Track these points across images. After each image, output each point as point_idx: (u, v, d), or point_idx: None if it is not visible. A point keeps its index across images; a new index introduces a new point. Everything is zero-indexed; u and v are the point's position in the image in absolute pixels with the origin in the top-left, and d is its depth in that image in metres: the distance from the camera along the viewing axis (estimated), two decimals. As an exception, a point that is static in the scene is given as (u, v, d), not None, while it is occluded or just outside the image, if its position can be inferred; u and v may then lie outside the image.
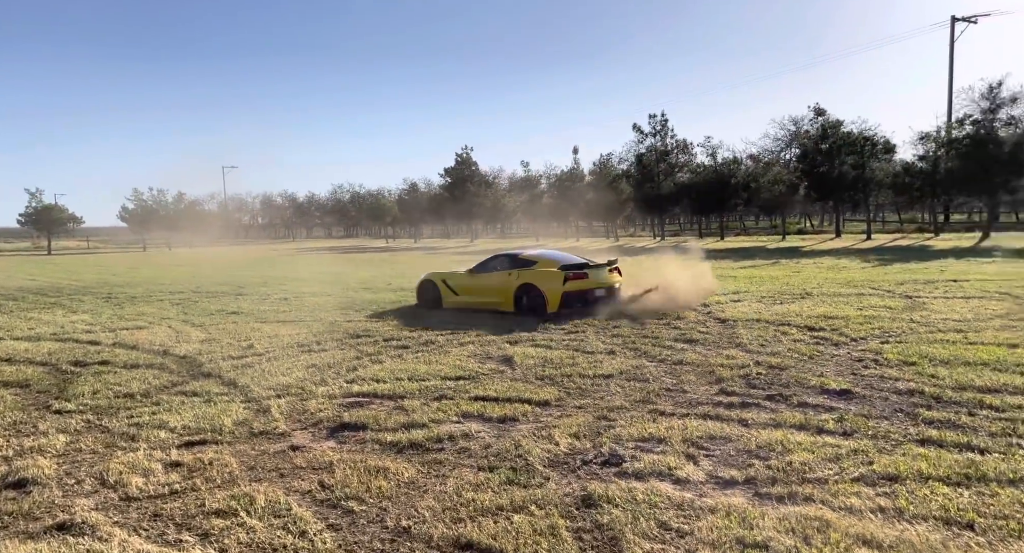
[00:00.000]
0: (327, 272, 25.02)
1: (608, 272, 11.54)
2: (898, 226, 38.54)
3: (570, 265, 11.46)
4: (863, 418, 4.64)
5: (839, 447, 4.07)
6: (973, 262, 18.45)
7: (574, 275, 11.11)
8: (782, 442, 4.20)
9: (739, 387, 5.81)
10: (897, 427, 4.44)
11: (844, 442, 4.16)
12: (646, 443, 4.41)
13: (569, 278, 11.05)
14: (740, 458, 4.03)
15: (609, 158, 49.40)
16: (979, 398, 5.00)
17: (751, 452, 4.10)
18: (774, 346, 7.62)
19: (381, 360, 7.90)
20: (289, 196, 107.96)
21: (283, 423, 5.42)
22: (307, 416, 5.62)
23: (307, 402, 6.07)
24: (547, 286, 11.10)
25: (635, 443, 4.41)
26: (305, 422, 5.47)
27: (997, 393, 5.15)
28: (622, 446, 4.38)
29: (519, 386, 6.29)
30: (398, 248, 55.22)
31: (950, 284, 12.89)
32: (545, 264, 11.64)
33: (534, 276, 11.37)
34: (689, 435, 4.48)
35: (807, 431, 4.44)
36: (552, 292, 11.05)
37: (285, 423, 5.43)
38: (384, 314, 12.04)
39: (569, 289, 11.04)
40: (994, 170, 25.75)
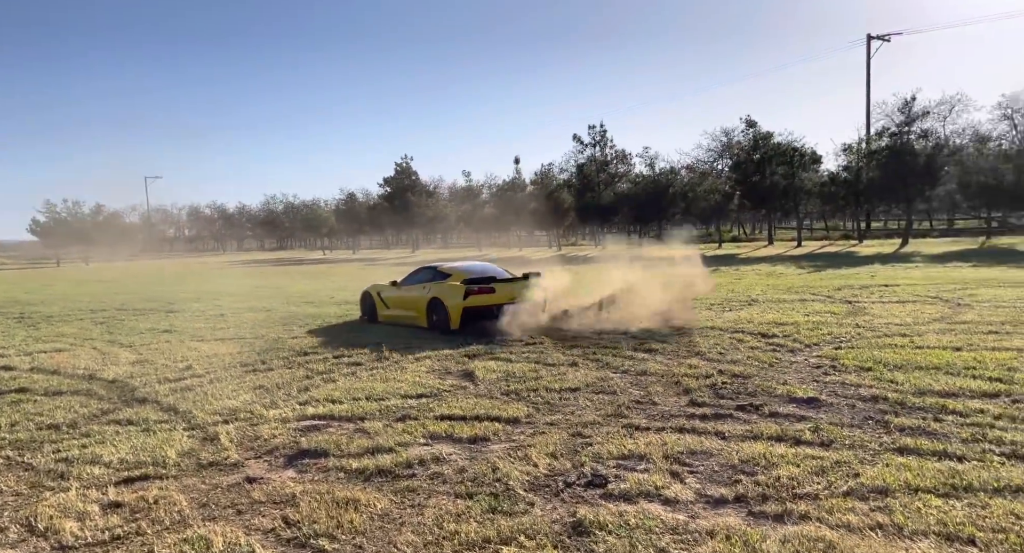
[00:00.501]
0: (264, 286, 24.02)
1: (524, 286, 10.78)
2: (824, 233, 40.56)
3: (475, 279, 10.84)
4: (836, 427, 4.66)
5: (821, 459, 4.05)
6: (898, 268, 19.48)
7: (478, 289, 10.49)
8: (764, 455, 4.15)
9: (708, 397, 5.78)
10: (871, 436, 4.47)
11: (825, 453, 4.15)
12: (627, 461, 4.27)
13: (471, 292, 10.44)
14: (725, 474, 3.95)
15: (550, 168, 49.88)
16: (941, 403, 5.13)
17: (735, 467, 4.03)
18: (733, 354, 7.69)
19: (334, 379, 7.50)
20: (218, 207, 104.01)
21: (234, 452, 5.00)
22: (260, 443, 5.21)
23: (259, 427, 5.65)
24: (450, 301, 10.55)
25: (616, 461, 4.27)
26: (259, 450, 5.06)
27: (956, 397, 5.30)
28: (603, 465, 4.22)
29: (485, 403, 6.06)
30: (336, 260, 53.89)
31: (883, 289, 13.50)
32: (457, 277, 11.13)
33: (440, 290, 10.86)
34: (669, 451, 4.37)
35: (785, 442, 4.41)
36: (454, 308, 10.46)
37: (236, 452, 5.01)
38: (330, 329, 11.56)
39: (470, 304, 10.39)
40: (910, 180, 27.40)
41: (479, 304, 10.39)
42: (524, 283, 10.82)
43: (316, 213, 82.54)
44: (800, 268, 21.61)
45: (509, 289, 10.64)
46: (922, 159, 27.09)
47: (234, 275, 33.43)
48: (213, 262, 57.23)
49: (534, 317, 10.47)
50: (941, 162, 27.37)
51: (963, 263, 19.86)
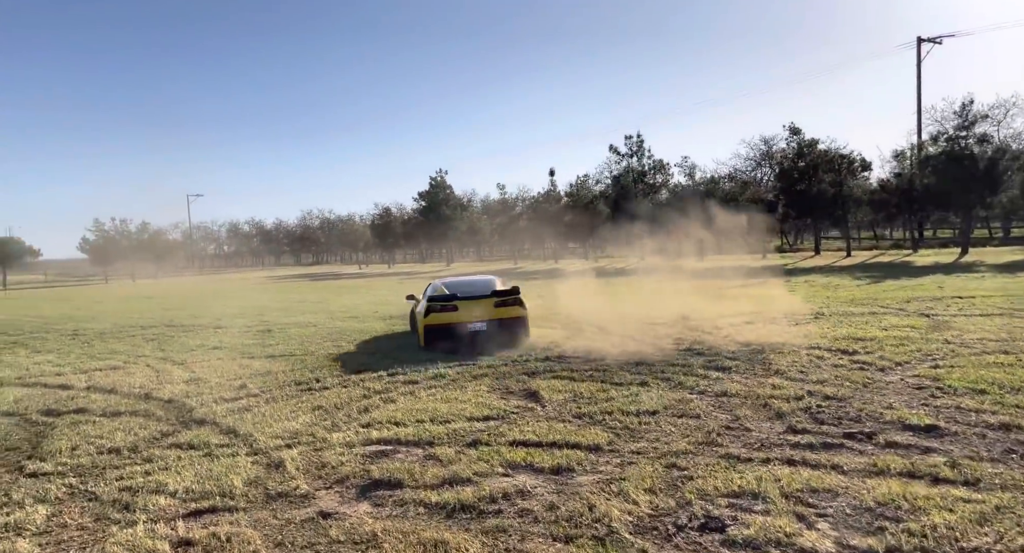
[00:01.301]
0: (306, 300, 24.07)
1: (495, 305, 10.35)
2: (873, 243, 39.16)
3: (440, 297, 10.57)
4: (976, 462, 4.14)
5: (977, 503, 3.54)
6: (965, 278, 18.49)
7: (440, 307, 10.26)
8: (904, 496, 3.66)
9: (807, 423, 5.29)
10: (1022, 473, 3.94)
11: (976, 495, 3.64)
12: (739, 499, 3.83)
13: (433, 310, 10.27)
14: (863, 519, 3.48)
15: (585, 180, 49.41)
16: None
17: (872, 511, 3.55)
18: (816, 372, 7.16)
19: (393, 399, 7.20)
20: (256, 223, 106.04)
21: (303, 481, 4.70)
22: (328, 471, 4.91)
23: (323, 453, 5.36)
24: (418, 318, 10.47)
25: (726, 499, 3.83)
26: (328, 479, 4.76)
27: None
28: (713, 504, 3.79)
29: (559, 427, 5.67)
30: (372, 274, 54.19)
31: (958, 301, 12.71)
32: (439, 292, 10.88)
33: (417, 306, 10.82)
34: (785, 487, 3.91)
35: (922, 480, 3.91)
36: (420, 324, 10.39)
37: (305, 480, 4.71)
38: (378, 344, 11.32)
39: (431, 323, 10.21)
40: (970, 186, 26.21)
41: (441, 322, 10.22)
42: (490, 301, 10.43)
43: (352, 228, 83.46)
44: (856, 279, 20.71)
45: (472, 308, 10.30)
46: (983, 164, 25.89)
47: (275, 290, 33.74)
48: (253, 277, 58.14)
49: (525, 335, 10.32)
50: (1004, 167, 26.13)
51: (1035, 272, 18.78)
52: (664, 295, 18.12)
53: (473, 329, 10.15)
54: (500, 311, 10.35)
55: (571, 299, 19.26)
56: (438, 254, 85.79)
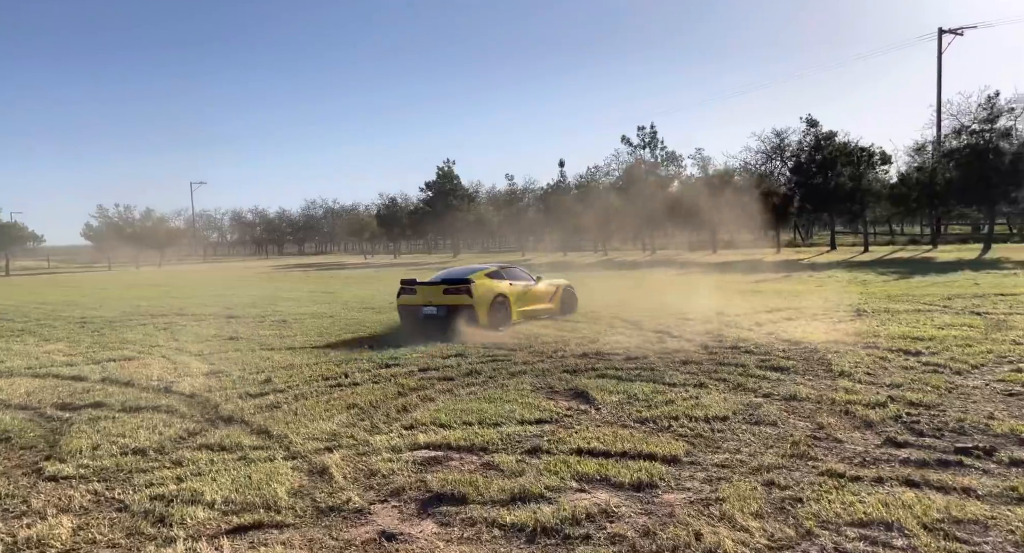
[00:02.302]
0: (317, 290, 23.62)
1: (443, 292, 11.19)
2: (889, 238, 38.58)
3: (406, 280, 11.86)
4: None
5: None
6: (994, 275, 17.98)
7: (402, 290, 11.68)
8: None
9: (904, 434, 4.81)
10: None
11: None
12: (869, 530, 3.34)
13: (403, 291, 11.66)
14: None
15: (596, 171, 48.84)
16: None
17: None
18: (887, 375, 6.67)
19: (431, 397, 6.73)
20: (260, 212, 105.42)
21: (354, 493, 4.23)
22: (379, 480, 4.44)
23: (369, 458, 4.89)
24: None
25: (855, 530, 3.34)
26: (381, 490, 4.29)
27: None
28: (840, 535, 3.31)
29: (623, 434, 5.19)
30: (378, 264, 53.74)
31: (1004, 299, 12.20)
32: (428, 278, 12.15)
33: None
34: (921, 516, 3.42)
35: None
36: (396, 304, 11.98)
37: (356, 492, 4.24)
38: (401, 336, 10.84)
39: (399, 303, 11.73)
40: (994, 181, 25.63)
41: (404, 303, 11.60)
42: (440, 288, 11.29)
43: (357, 217, 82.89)
44: (881, 275, 20.20)
45: (427, 293, 11.38)
46: (1008, 158, 25.31)
47: (282, 279, 33.30)
48: (257, 266, 57.76)
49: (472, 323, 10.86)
50: (1031, 161, 25.52)
51: (1068, 270, 18.28)
52: (689, 289, 17.64)
53: (426, 312, 11.24)
54: (447, 298, 11.14)
55: (593, 293, 18.77)
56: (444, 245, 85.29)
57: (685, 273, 24.94)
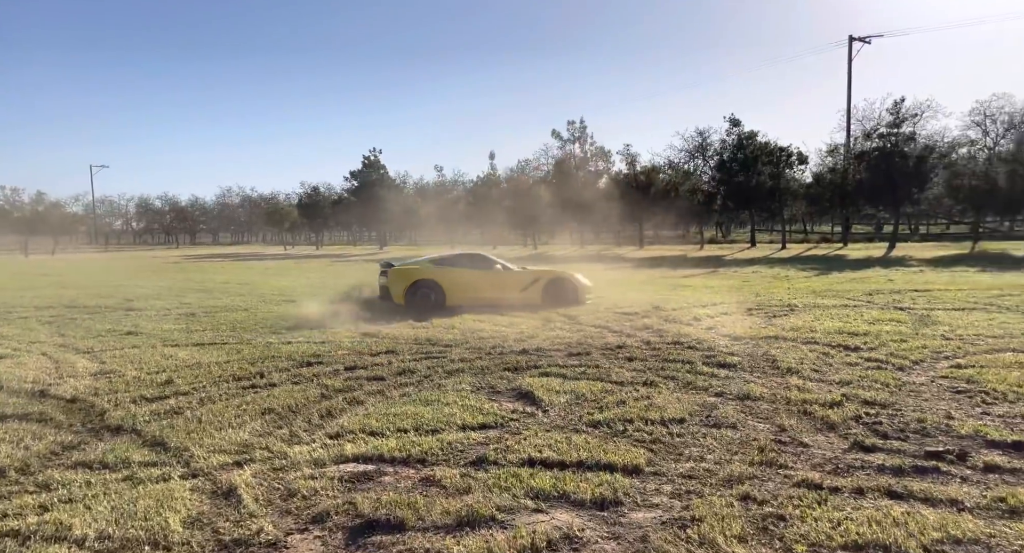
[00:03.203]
0: (232, 281, 22.06)
1: (380, 273, 13.11)
2: (803, 236, 40.42)
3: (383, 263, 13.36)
4: None
5: None
6: (903, 272, 18.89)
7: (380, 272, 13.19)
8: None
9: (870, 437, 4.57)
10: None
11: None
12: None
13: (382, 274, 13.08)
14: None
15: (526, 165, 48.63)
16: None
17: None
18: (833, 372, 6.54)
19: (360, 399, 6.04)
20: (169, 199, 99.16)
21: (267, 520, 3.53)
22: (299, 503, 3.75)
23: (287, 475, 4.19)
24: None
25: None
26: (301, 515, 3.61)
27: None
28: (834, 555, 2.94)
29: (577, 440, 4.71)
30: (299, 255, 51.52)
31: (920, 294, 12.66)
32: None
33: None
34: (916, 534, 3.11)
35: None
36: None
37: (269, 519, 3.54)
38: (324, 331, 10.00)
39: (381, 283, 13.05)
40: (899, 182, 27.14)
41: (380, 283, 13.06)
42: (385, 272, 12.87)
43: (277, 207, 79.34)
44: (802, 271, 20.88)
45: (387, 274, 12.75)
46: (912, 161, 26.87)
47: (194, 270, 31.12)
48: (166, 256, 54.16)
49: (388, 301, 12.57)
50: (931, 164, 27.22)
51: (968, 268, 19.44)
52: (622, 284, 17.53)
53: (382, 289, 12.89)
54: (382, 279, 12.85)
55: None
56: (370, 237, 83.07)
57: (616, 268, 24.99)
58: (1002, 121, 39.43)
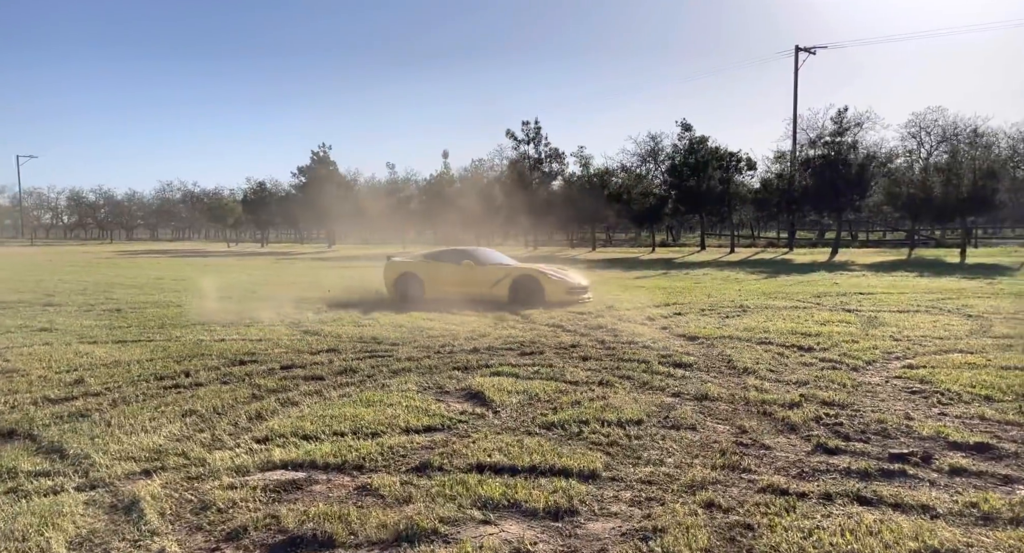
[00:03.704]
0: (167, 277, 20.91)
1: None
2: (751, 241, 41.36)
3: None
4: None
5: None
6: (847, 275, 19.35)
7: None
8: None
9: (830, 438, 4.39)
10: None
11: None
12: (837, 558, 2.74)
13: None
14: None
15: (481, 163, 48.19)
16: None
17: None
18: (788, 372, 6.41)
19: (295, 400, 5.56)
20: (104, 193, 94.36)
21: (171, 538, 3.06)
22: (213, 517, 3.29)
23: (203, 485, 3.71)
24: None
25: (822, 560, 2.73)
26: (213, 532, 3.15)
27: None
28: (809, 567, 2.68)
29: (529, 443, 4.38)
30: (243, 253, 49.73)
31: (865, 297, 12.88)
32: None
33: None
34: (893, 545, 2.88)
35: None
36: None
37: (175, 537, 3.07)
38: (262, 329, 9.41)
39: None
40: (842, 189, 28.00)
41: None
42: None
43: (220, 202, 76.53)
44: (752, 273, 21.16)
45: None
46: (854, 168, 27.76)
47: (127, 265, 29.50)
48: (98, 251, 51.45)
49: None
50: (872, 172, 28.19)
51: (907, 272, 20.07)
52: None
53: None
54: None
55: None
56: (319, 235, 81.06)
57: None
58: (936, 133, 41.43)
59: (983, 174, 24.95)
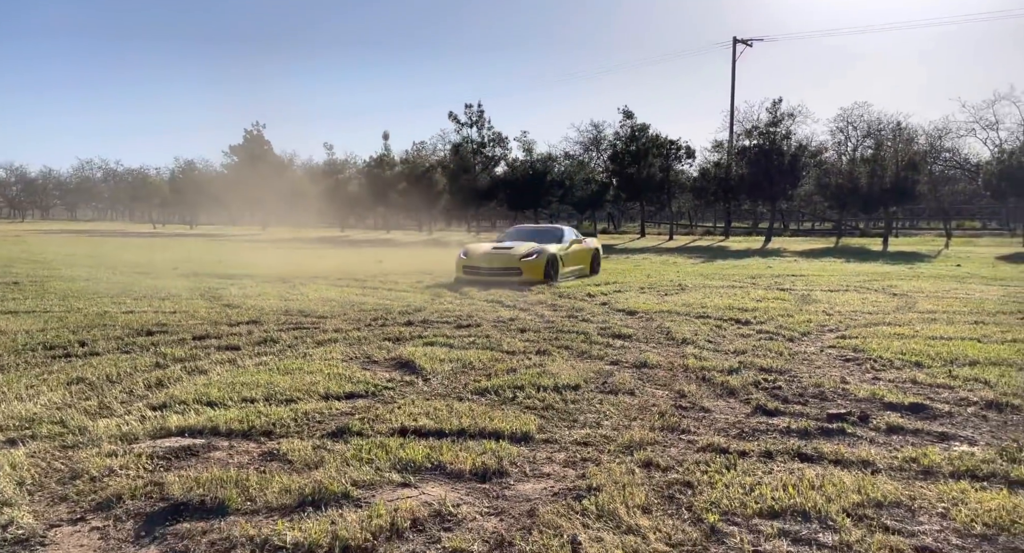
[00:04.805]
0: (79, 253, 19.50)
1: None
2: (689, 229, 42.22)
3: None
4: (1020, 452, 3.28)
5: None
6: (780, 260, 19.88)
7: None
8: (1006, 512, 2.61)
9: (769, 401, 4.26)
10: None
11: None
12: (785, 521, 2.55)
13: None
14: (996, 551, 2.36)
15: (422, 147, 47.30)
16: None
17: (989, 538, 2.44)
18: (728, 342, 6.33)
19: (203, 368, 5.07)
20: (16, 170, 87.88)
21: (26, 508, 2.60)
22: (82, 487, 2.83)
23: (78, 453, 3.23)
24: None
25: (768, 524, 2.53)
26: (81, 502, 2.70)
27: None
28: (755, 533, 2.48)
29: (460, 408, 4.07)
30: (169, 234, 47.30)
31: (797, 278, 13.15)
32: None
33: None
34: (835, 498, 2.72)
35: (993, 483, 2.91)
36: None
37: (31, 508, 2.61)
38: (178, 301, 8.73)
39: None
40: (776, 178, 28.82)
41: None
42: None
43: (145, 182, 72.53)
44: (689, 258, 21.47)
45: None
46: (787, 158, 28.61)
47: (37, 242, 27.45)
48: (6, 230, 47.86)
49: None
50: (804, 163, 29.13)
51: (835, 259, 20.80)
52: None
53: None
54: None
55: (421, 263, 17.51)
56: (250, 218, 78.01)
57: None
58: (861, 128, 43.43)
59: (905, 166, 26.15)
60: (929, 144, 36.41)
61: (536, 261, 11.68)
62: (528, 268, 11.58)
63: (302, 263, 17.23)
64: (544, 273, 11.67)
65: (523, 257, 11.70)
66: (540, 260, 11.71)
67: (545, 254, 11.83)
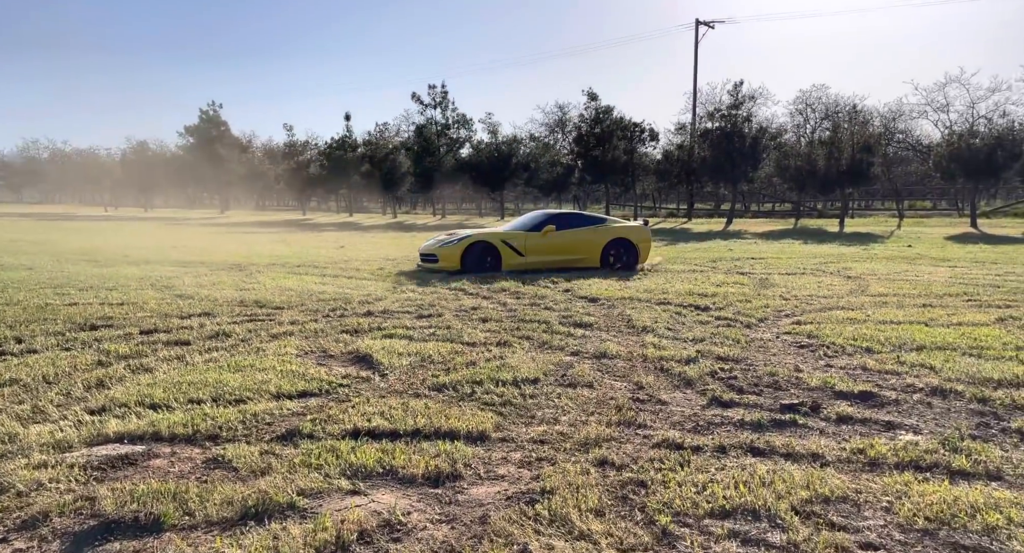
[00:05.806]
0: (23, 240, 18.66)
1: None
2: (652, 211, 42.57)
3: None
4: (963, 441, 3.33)
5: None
6: (741, 243, 20.18)
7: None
8: (949, 504, 2.66)
9: (724, 392, 4.29)
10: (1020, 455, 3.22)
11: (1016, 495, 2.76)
12: (735, 521, 2.56)
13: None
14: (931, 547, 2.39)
15: (385, 128, 46.48)
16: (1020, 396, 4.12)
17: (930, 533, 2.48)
18: (687, 330, 6.37)
19: (148, 367, 4.87)
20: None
21: (-53, 535, 2.44)
22: (7, 504, 2.69)
23: (4, 465, 3.07)
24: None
25: (719, 524, 2.53)
26: (5, 521, 2.56)
27: (1019, 388, 4.36)
28: (706, 534, 2.48)
29: (416, 406, 3.99)
30: (122, 217, 45.68)
31: (757, 261, 13.36)
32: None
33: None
34: (785, 495, 2.73)
35: (935, 474, 2.96)
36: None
37: (-48, 533, 2.45)
38: (127, 291, 8.41)
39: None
40: (737, 160, 29.16)
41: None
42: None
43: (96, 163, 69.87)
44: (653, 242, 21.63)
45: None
46: (748, 141, 28.97)
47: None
48: (-52, 211, 45.67)
49: None
50: (764, 145, 29.53)
51: (793, 240, 21.22)
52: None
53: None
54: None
55: (378, 250, 17.25)
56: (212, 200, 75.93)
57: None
58: (820, 110, 44.17)
59: (861, 149, 26.71)
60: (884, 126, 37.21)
61: (451, 249, 11.25)
62: (444, 256, 11.26)
63: (261, 249, 16.82)
64: (460, 262, 11.15)
65: (443, 245, 11.47)
66: (455, 249, 11.23)
67: (464, 243, 11.27)
